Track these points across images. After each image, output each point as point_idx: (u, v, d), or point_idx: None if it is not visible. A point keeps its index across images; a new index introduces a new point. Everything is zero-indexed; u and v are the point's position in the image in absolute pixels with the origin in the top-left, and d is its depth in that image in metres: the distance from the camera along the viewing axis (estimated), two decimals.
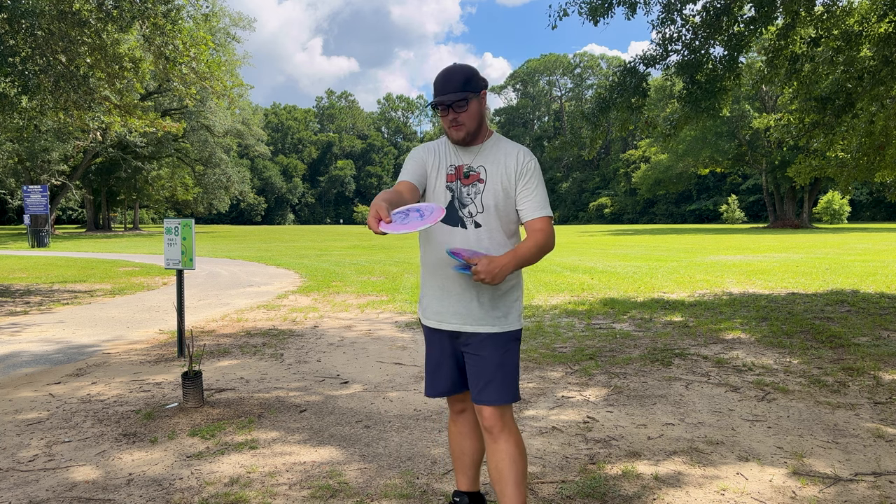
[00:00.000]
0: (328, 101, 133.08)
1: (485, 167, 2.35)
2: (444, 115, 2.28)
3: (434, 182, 2.39)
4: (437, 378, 2.46)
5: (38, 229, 28.92)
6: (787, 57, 9.34)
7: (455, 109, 2.25)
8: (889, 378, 4.82)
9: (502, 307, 2.37)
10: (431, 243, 2.38)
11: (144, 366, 5.55)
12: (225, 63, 15.74)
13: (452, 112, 2.26)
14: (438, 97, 2.26)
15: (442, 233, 2.34)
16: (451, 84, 2.24)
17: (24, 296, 10.67)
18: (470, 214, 2.33)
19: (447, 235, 2.33)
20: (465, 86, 2.24)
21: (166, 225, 5.79)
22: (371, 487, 2.97)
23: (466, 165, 2.36)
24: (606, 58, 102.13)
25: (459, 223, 2.34)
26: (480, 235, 2.33)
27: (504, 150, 2.38)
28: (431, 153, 2.41)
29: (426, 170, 2.38)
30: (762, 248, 22.90)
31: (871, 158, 10.90)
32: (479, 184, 2.33)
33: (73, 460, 3.36)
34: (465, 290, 2.32)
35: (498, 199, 2.32)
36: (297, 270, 15.32)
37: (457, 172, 2.36)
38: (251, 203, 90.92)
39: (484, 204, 2.32)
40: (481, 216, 2.33)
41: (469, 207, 2.33)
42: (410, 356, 5.82)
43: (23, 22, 9.16)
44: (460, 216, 2.34)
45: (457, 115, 2.26)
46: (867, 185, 49.78)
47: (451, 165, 2.38)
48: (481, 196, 2.33)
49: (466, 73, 2.27)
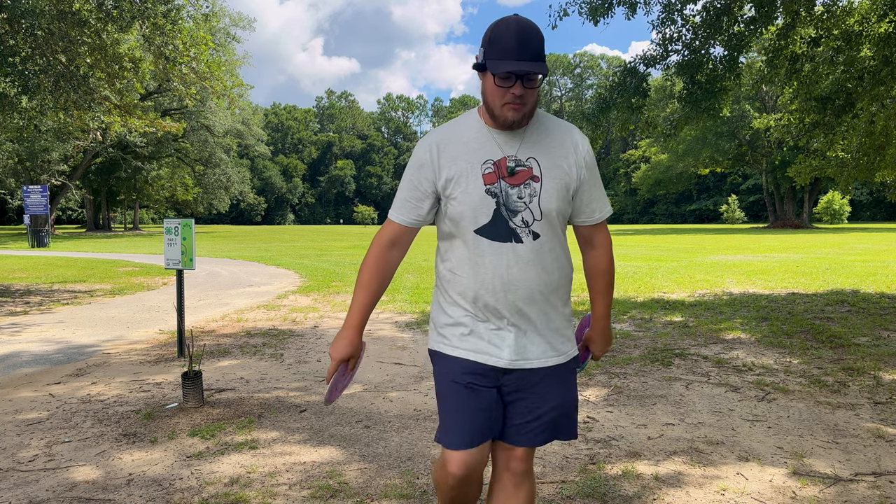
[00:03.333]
0: (328, 101, 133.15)
1: (536, 159, 1.80)
2: (505, 87, 1.69)
3: (461, 192, 1.78)
4: (472, 424, 1.82)
5: (38, 229, 28.92)
6: (788, 57, 9.34)
7: (525, 83, 1.68)
8: (889, 378, 4.82)
9: (565, 331, 1.92)
10: (474, 265, 1.81)
11: (144, 366, 5.55)
12: (225, 63, 15.74)
13: (520, 86, 1.68)
14: (512, 63, 1.64)
15: (490, 253, 1.79)
16: (529, 49, 1.65)
17: (24, 296, 10.67)
18: (525, 223, 1.79)
19: (497, 256, 1.78)
20: (543, 55, 1.68)
21: (166, 225, 5.79)
22: (371, 487, 2.97)
23: (511, 158, 1.79)
24: (606, 58, 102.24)
25: (512, 237, 1.78)
26: (541, 250, 1.81)
27: (555, 132, 1.85)
28: (442, 154, 1.81)
29: (434, 186, 1.82)
30: (762, 248, 22.90)
31: (871, 158, 10.90)
32: (534, 182, 1.78)
33: (73, 460, 3.36)
34: (522, 316, 1.82)
35: (560, 201, 1.81)
36: (297, 270, 15.32)
37: (497, 169, 1.78)
38: (251, 203, 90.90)
39: (543, 209, 1.79)
40: (539, 225, 1.80)
41: (522, 214, 1.78)
42: (410, 356, 5.82)
43: (23, 22, 9.16)
44: (511, 227, 1.78)
45: (524, 90, 1.69)
46: (867, 185, 49.80)
47: (487, 161, 1.78)
48: (538, 199, 1.78)
49: (542, 39, 1.69)
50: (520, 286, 1.79)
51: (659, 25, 8.93)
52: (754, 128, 38.72)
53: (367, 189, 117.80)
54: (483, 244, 1.79)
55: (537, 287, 1.81)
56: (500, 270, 1.78)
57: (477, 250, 1.79)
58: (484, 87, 1.75)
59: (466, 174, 1.78)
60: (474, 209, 1.77)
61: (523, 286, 1.79)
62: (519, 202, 1.78)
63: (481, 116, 1.83)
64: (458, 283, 1.84)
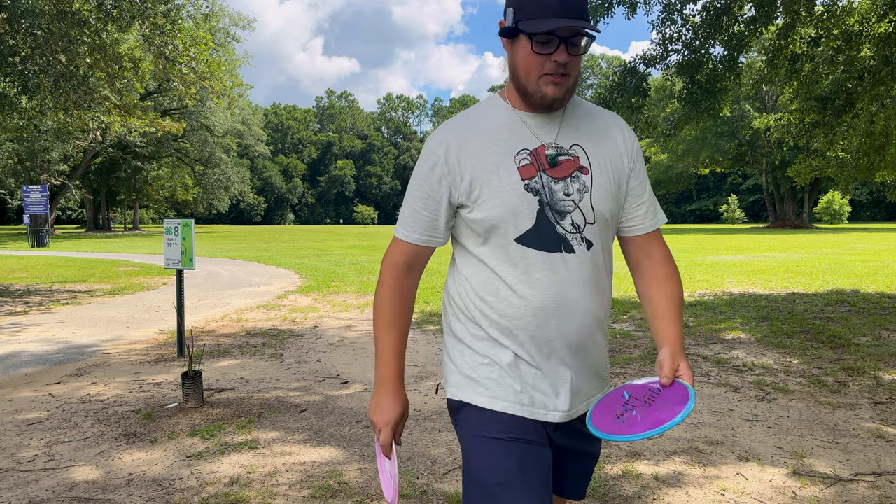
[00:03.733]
0: (328, 100, 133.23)
1: (582, 147, 1.43)
2: (545, 54, 1.32)
3: (493, 193, 1.38)
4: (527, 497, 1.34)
5: (38, 229, 28.92)
6: (788, 57, 9.34)
7: (570, 48, 1.31)
8: (889, 378, 4.82)
9: (606, 365, 1.57)
10: (518, 284, 1.39)
11: (144, 366, 5.55)
12: (225, 63, 15.75)
13: (564, 51, 1.31)
14: (554, 20, 1.27)
15: (539, 268, 1.39)
16: (573, 3, 1.29)
17: (24, 296, 10.67)
18: (576, 228, 1.40)
19: (548, 272, 1.39)
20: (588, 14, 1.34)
21: (166, 225, 5.79)
22: (371, 487, 2.97)
23: (552, 146, 1.41)
24: (606, 58, 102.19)
25: (561, 246, 1.39)
26: (596, 263, 1.44)
27: (598, 118, 1.50)
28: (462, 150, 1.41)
29: (452, 192, 1.42)
30: (762, 248, 22.90)
31: (871, 158, 10.90)
32: (583, 175, 1.42)
33: (73, 460, 3.36)
34: (574, 353, 1.43)
35: (613, 201, 1.46)
36: (296, 270, 15.32)
37: (536, 160, 1.39)
38: (251, 203, 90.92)
39: (595, 209, 1.42)
40: (592, 230, 1.42)
41: (572, 216, 1.40)
42: (410, 356, 5.82)
43: (22, 22, 9.16)
44: (559, 233, 1.39)
45: (569, 58, 1.32)
46: (867, 185, 49.79)
47: (521, 151, 1.40)
48: (590, 195, 1.42)
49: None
50: (577, 310, 1.40)
51: (659, 25, 8.93)
52: (754, 128, 38.74)
53: (367, 189, 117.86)
54: (530, 257, 1.38)
55: (594, 311, 1.44)
56: (554, 290, 1.39)
57: (523, 265, 1.39)
58: (513, 59, 1.37)
59: (497, 170, 1.38)
60: (514, 211, 1.37)
61: (581, 310, 1.41)
62: (566, 200, 1.39)
63: (506, 99, 1.45)
64: (492, 311, 1.41)
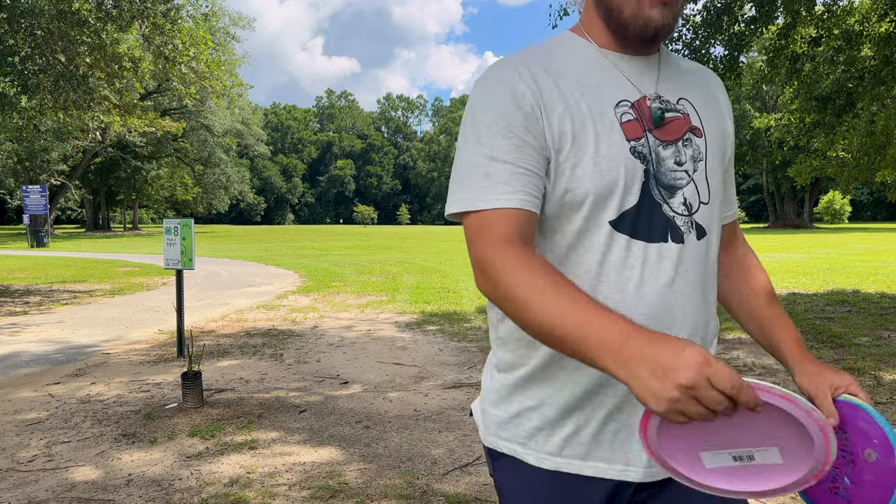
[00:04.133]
0: (328, 100, 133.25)
1: (691, 102, 1.06)
2: None
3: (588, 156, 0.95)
4: None
5: (38, 229, 28.91)
6: (788, 56, 9.34)
7: None
8: (889, 378, 4.81)
9: None
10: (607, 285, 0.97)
11: (144, 366, 5.54)
12: (224, 63, 15.75)
13: None
14: None
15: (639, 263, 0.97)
16: None
17: (24, 296, 10.66)
18: (688, 209, 1.01)
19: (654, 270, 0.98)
20: None
21: (166, 225, 5.79)
22: (371, 488, 2.97)
23: (654, 97, 1.02)
24: None
25: (669, 233, 0.99)
26: (707, 258, 1.04)
27: (694, 70, 1.13)
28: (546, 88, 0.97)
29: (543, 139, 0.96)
30: (763, 247, 22.90)
31: (871, 158, 10.91)
32: (696, 138, 1.03)
33: (73, 460, 3.36)
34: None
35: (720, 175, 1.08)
36: (296, 270, 15.31)
37: (639, 114, 1.00)
38: (251, 203, 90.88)
39: (711, 185, 1.04)
40: (705, 211, 1.03)
41: (684, 193, 1.01)
42: (410, 356, 5.81)
43: (22, 21, 9.16)
44: (667, 216, 0.99)
45: None
46: (868, 184, 49.79)
47: (622, 102, 1.00)
48: (705, 165, 1.04)
49: None
50: (687, 322, 1.00)
51: None
52: (755, 127, 38.70)
53: (367, 189, 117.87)
54: (626, 248, 0.97)
55: (702, 329, 1.03)
56: (652, 297, 0.97)
57: (613, 260, 0.97)
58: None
59: (594, 124, 0.96)
60: (614, 183, 0.95)
61: (691, 321, 1.01)
62: (679, 171, 1.00)
63: (585, 37, 1.05)
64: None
